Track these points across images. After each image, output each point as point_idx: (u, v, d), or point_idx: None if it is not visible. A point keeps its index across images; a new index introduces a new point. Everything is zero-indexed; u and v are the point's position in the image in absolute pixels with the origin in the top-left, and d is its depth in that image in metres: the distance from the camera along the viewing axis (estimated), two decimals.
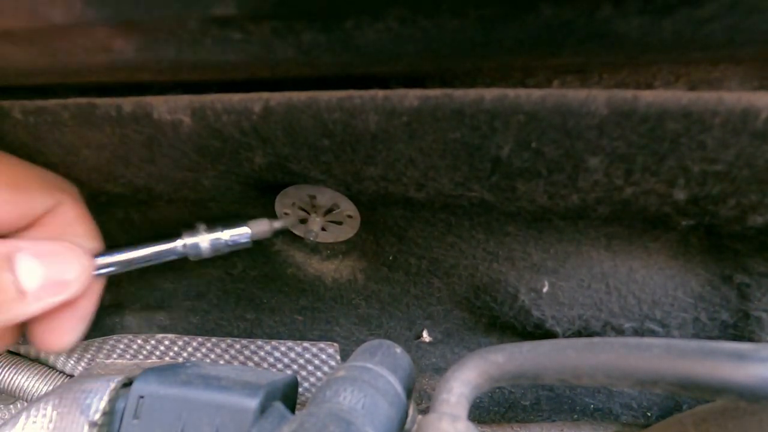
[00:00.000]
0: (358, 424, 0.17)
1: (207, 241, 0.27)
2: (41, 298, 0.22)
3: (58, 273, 0.23)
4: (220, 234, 0.27)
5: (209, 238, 0.27)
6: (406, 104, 0.17)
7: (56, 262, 0.23)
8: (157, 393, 0.21)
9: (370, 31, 0.14)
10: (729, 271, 0.24)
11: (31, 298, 0.22)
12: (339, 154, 0.20)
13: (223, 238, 0.27)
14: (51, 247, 0.23)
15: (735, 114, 0.15)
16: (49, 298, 0.22)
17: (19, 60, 0.16)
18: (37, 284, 0.22)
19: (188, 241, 0.27)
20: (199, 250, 0.27)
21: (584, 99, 0.16)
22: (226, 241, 0.27)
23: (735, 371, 0.13)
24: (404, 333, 0.34)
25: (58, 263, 0.23)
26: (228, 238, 0.27)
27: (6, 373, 0.43)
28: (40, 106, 0.20)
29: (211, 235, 0.27)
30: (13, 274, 0.21)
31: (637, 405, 0.31)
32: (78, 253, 0.24)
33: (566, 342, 0.17)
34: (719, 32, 0.13)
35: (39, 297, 0.22)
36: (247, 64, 0.16)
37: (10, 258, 0.21)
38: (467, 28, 0.13)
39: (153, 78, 0.18)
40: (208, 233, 0.27)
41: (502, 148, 0.18)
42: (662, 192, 0.19)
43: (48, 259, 0.22)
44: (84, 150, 0.22)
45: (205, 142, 0.20)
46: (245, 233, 0.27)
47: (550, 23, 0.13)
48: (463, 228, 0.26)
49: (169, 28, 0.14)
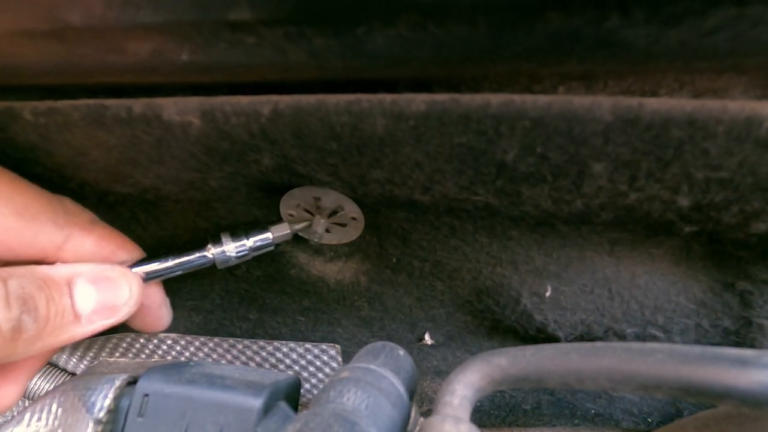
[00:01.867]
0: (362, 424, 0.17)
1: (233, 249, 0.28)
2: (93, 322, 0.23)
3: (110, 298, 0.24)
4: (245, 241, 0.28)
5: (234, 246, 0.28)
6: (414, 108, 0.17)
7: (109, 287, 0.24)
8: (161, 391, 0.21)
9: (381, 36, 0.14)
10: (731, 278, 0.24)
11: (84, 322, 0.23)
12: (346, 157, 0.20)
13: (248, 245, 0.28)
14: (105, 272, 0.24)
15: (739, 122, 0.16)
16: (100, 321, 0.23)
17: (33, 60, 0.16)
18: (91, 308, 0.23)
19: (216, 251, 0.28)
20: (227, 258, 0.28)
21: (590, 105, 0.16)
22: (251, 247, 0.28)
23: (738, 377, 0.13)
24: (406, 335, 0.34)
25: (110, 288, 0.24)
26: (252, 245, 0.28)
27: None
28: (50, 107, 0.20)
29: (236, 243, 0.28)
30: (71, 299, 0.22)
31: (638, 410, 0.31)
32: (130, 279, 0.25)
33: (569, 346, 0.17)
34: (724, 42, 0.13)
35: (91, 321, 0.23)
36: (258, 67, 0.16)
37: (69, 283, 0.22)
38: (476, 35, 0.13)
39: (164, 80, 0.18)
40: (234, 241, 0.28)
41: (508, 153, 0.19)
42: (666, 198, 0.19)
43: (102, 284, 0.23)
44: (93, 151, 0.22)
45: (213, 143, 0.20)
46: (267, 238, 0.28)
47: (557, 31, 0.13)
48: (466, 231, 0.27)
49: (184, 32, 0.14)
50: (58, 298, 0.22)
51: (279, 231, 0.28)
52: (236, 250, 0.28)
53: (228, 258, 0.28)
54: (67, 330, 0.22)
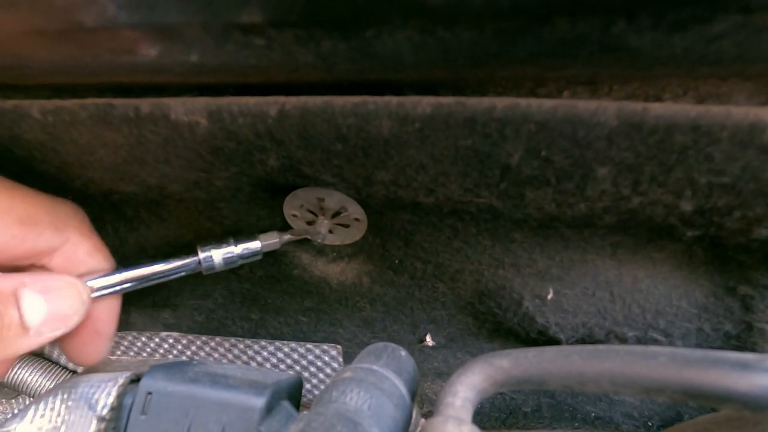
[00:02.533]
0: (364, 425, 0.17)
1: (220, 255, 0.28)
2: (42, 333, 0.22)
3: (59, 308, 0.23)
4: (233, 248, 0.28)
5: (222, 253, 0.28)
6: (420, 111, 0.17)
7: (58, 297, 0.23)
8: (165, 389, 0.21)
9: (389, 39, 0.14)
10: (733, 283, 0.24)
11: (33, 333, 0.22)
12: (351, 158, 0.20)
13: (236, 252, 0.28)
14: (53, 282, 0.23)
15: (742, 128, 0.16)
16: (49, 332, 0.23)
17: (44, 60, 0.17)
18: (40, 320, 0.22)
19: (202, 257, 0.28)
20: (212, 264, 0.28)
21: (594, 110, 0.16)
22: (239, 254, 0.28)
23: (740, 380, 0.13)
24: (407, 337, 0.34)
25: (59, 298, 0.23)
26: (240, 252, 0.28)
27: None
28: (58, 106, 0.20)
29: (224, 250, 0.28)
30: (18, 310, 0.21)
31: (639, 414, 0.31)
32: (78, 289, 0.24)
33: (572, 348, 0.17)
34: (729, 49, 0.14)
35: (40, 332, 0.22)
36: (266, 68, 0.16)
37: (16, 294, 0.21)
38: (484, 39, 0.14)
39: (172, 80, 0.18)
40: (221, 248, 0.28)
41: (512, 156, 0.19)
42: (669, 203, 0.19)
43: (51, 294, 0.23)
44: (100, 150, 0.22)
45: (220, 143, 0.20)
46: (256, 247, 0.28)
47: (564, 36, 0.13)
48: (469, 234, 0.27)
49: (195, 33, 0.14)
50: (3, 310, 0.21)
51: (268, 239, 0.28)
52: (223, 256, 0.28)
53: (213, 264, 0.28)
54: (14, 343, 0.21)
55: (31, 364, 0.44)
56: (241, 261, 0.28)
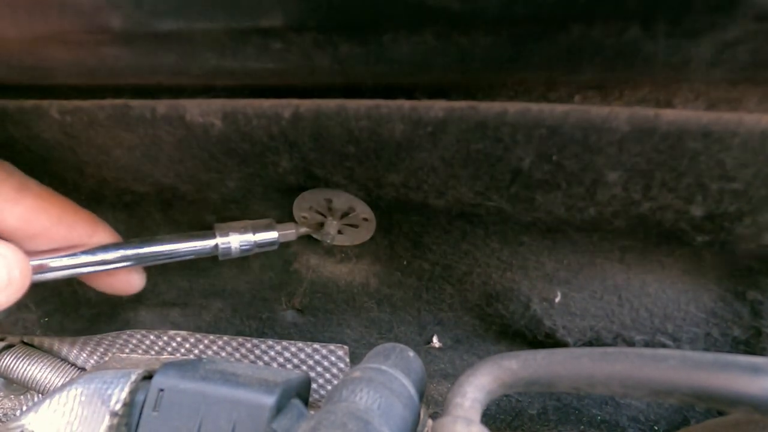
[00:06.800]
0: (374, 423, 0.17)
1: (237, 242, 0.27)
2: None
3: None
4: (251, 236, 0.27)
5: (239, 240, 0.27)
6: (432, 115, 0.18)
7: None
8: (176, 387, 0.21)
9: (406, 44, 0.14)
10: (742, 288, 0.24)
11: None
12: (363, 161, 0.21)
13: (253, 240, 0.27)
14: None
15: (754, 135, 0.16)
16: None
17: (67, 62, 0.17)
18: None
19: (220, 241, 0.27)
20: (229, 249, 0.27)
21: (606, 115, 0.16)
22: (256, 241, 0.27)
23: (750, 384, 0.13)
24: (414, 338, 0.34)
25: None
26: (257, 239, 0.27)
27: (20, 363, 0.44)
28: (77, 106, 0.20)
29: (241, 237, 0.27)
30: None
31: (645, 418, 0.31)
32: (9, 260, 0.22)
33: (581, 351, 0.17)
34: (742, 55, 0.14)
35: None
36: (282, 71, 0.17)
37: None
38: (500, 44, 0.14)
39: (190, 82, 0.18)
40: (240, 234, 0.27)
41: (523, 160, 0.19)
42: (679, 208, 0.20)
43: None
44: (116, 150, 0.22)
45: (234, 145, 0.21)
46: (273, 237, 0.28)
47: (578, 42, 0.14)
48: (478, 236, 0.27)
49: (215, 37, 0.15)
50: None
51: (284, 230, 0.28)
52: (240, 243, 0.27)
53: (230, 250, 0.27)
54: None
55: (41, 360, 0.44)
56: (257, 249, 0.28)
